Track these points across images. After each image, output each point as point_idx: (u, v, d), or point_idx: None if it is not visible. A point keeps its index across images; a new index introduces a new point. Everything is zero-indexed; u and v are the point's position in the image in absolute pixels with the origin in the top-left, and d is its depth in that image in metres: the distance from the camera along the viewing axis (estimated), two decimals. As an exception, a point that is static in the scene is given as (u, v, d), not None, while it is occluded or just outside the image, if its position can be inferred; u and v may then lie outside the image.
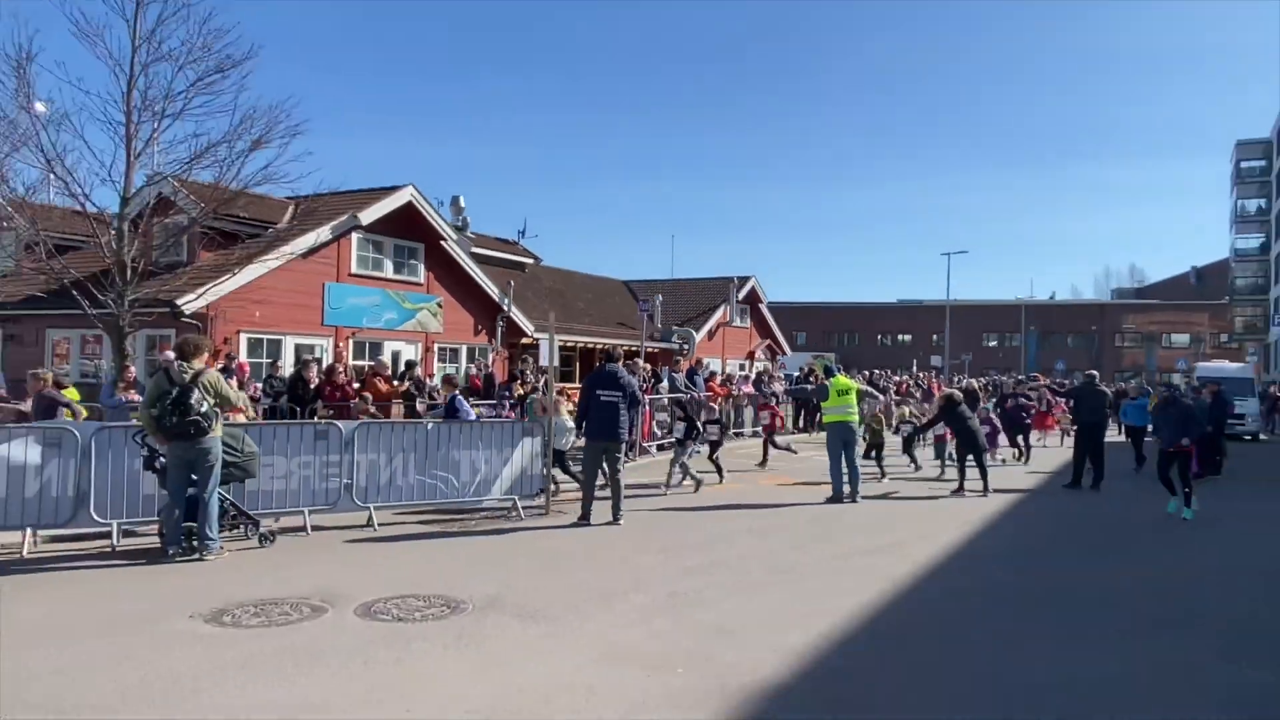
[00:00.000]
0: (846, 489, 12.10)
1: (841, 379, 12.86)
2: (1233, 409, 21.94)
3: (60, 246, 14.46)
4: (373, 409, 13.18)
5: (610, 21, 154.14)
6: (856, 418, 12.71)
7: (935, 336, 65.95)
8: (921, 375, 38.85)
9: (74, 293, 13.49)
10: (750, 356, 38.83)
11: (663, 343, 32.98)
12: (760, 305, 39.83)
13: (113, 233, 13.38)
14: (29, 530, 8.18)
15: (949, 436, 14.67)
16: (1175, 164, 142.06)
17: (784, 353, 41.86)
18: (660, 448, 17.79)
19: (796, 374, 26.15)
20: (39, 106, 12.67)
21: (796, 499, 11.96)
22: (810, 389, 16.44)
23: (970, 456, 13.39)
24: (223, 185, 13.65)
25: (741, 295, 37.43)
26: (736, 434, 21.27)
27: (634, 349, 25.53)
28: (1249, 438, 27.52)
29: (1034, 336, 68.55)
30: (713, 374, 23.42)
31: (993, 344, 70.43)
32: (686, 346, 33.13)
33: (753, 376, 26.98)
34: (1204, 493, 12.70)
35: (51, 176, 13.05)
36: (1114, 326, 69.51)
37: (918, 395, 26.64)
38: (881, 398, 14.53)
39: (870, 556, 8.51)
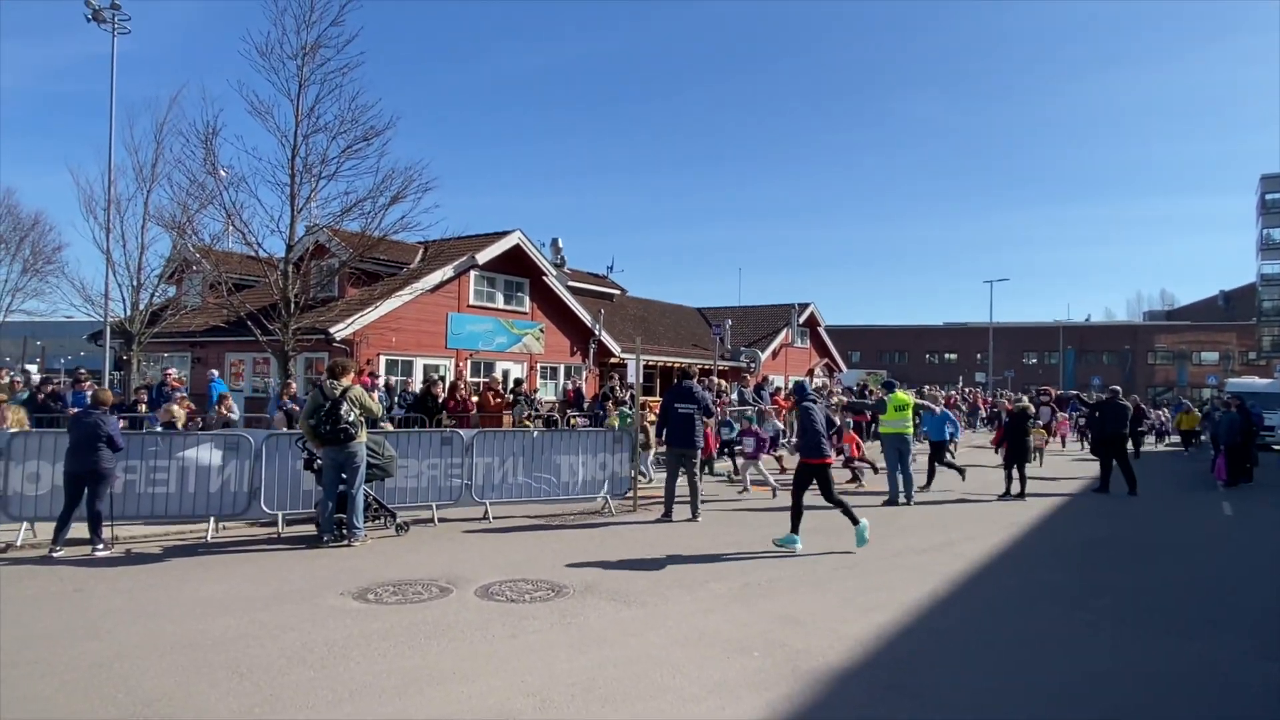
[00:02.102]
0: (902, 493, 11.74)
1: (900, 395, 12.48)
2: (1262, 422, 20.47)
3: (238, 285, 15.25)
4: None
5: (676, 97, 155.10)
6: (911, 430, 12.34)
7: (979, 355, 63.60)
8: (968, 391, 37.39)
9: (248, 323, 14.21)
10: (810, 374, 38.12)
11: (732, 361, 32.62)
12: (819, 328, 39.09)
13: (279, 273, 14.02)
14: (212, 519, 8.56)
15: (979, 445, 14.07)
16: (1204, 198, 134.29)
17: (840, 370, 40.97)
18: (728, 454, 17.53)
19: (854, 389, 25.54)
20: (222, 173, 13.43)
21: (856, 503, 11.63)
22: (869, 403, 16.02)
23: (1016, 464, 12.83)
24: (367, 233, 14.16)
25: (802, 319, 36.82)
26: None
27: (707, 367, 25.39)
28: (1278, 448, 25.60)
29: (1071, 355, 65.43)
30: (777, 389, 23.02)
31: (1032, 362, 67.42)
32: (753, 365, 32.67)
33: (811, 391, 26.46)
34: (1239, 498, 11.86)
35: (231, 228, 13.85)
36: (1146, 345, 65.71)
37: (963, 408, 25.68)
38: (937, 410, 14.02)
39: (925, 555, 8.22)
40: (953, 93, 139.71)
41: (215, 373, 15.78)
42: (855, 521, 8.07)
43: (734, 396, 19.52)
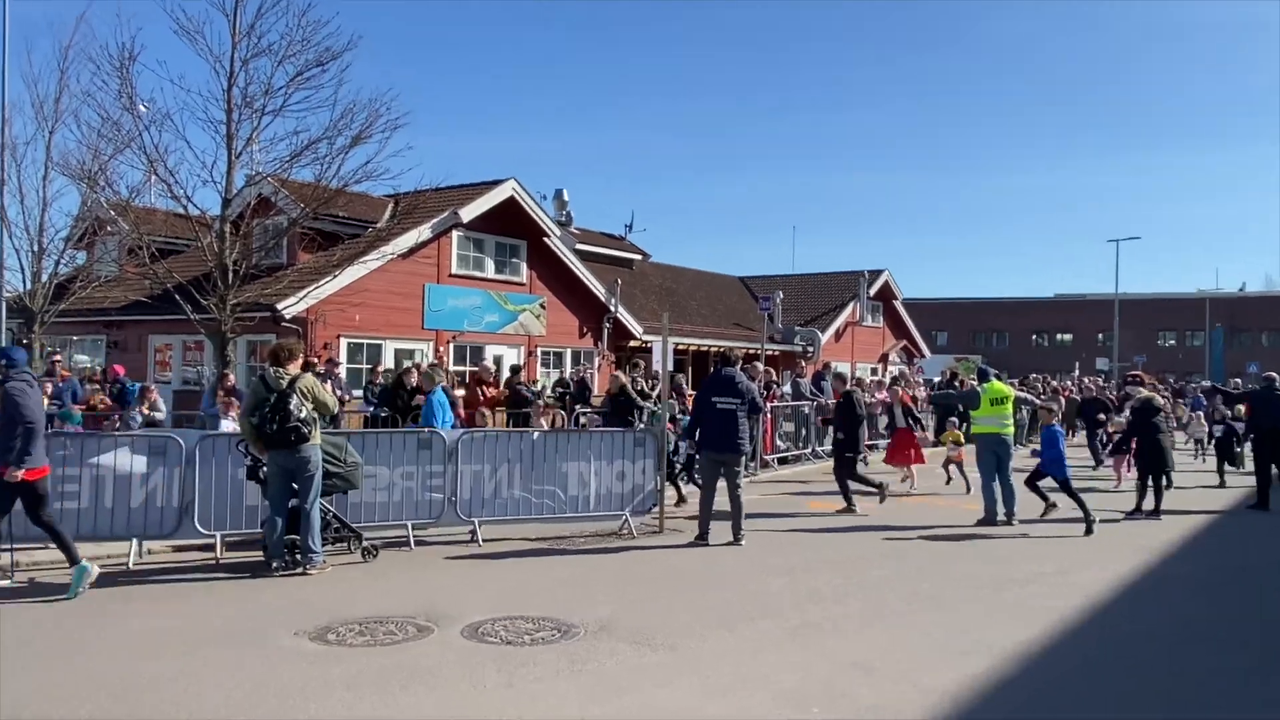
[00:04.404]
0: (1000, 510, 11.68)
1: (996, 384, 12.38)
2: None
3: (163, 250, 15.38)
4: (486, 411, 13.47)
5: (712, 4, 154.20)
6: (1012, 430, 12.24)
7: (1101, 335, 62.94)
8: (1087, 381, 36.43)
9: (176, 297, 14.39)
10: (883, 360, 38.02)
11: (784, 345, 32.73)
12: (894, 302, 39.00)
13: (214, 235, 14.20)
14: (135, 541, 8.60)
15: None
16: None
17: (922, 355, 40.83)
18: (783, 460, 17.64)
19: (939, 378, 25.41)
20: (141, 108, 13.59)
21: (942, 520, 11.63)
22: (956, 395, 15.93)
23: (1151, 474, 12.69)
24: (322, 184, 14.34)
25: (873, 291, 36.72)
26: (870, 446, 20.82)
27: (753, 351, 25.43)
28: None
29: (1220, 334, 64.55)
30: (894, 379, 23.03)
31: (1170, 344, 66.65)
32: (811, 349, 32.73)
33: (887, 381, 26.38)
34: None
35: (154, 178, 14.06)
36: (1320, 321, 64.73)
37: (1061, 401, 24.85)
38: (1040, 403, 13.90)
39: (1028, 586, 8.20)
40: (1058, 3, 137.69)
41: (121, 370, 15.98)
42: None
43: (787, 389, 19.55)
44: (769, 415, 16.85)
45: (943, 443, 15.98)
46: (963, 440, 14.99)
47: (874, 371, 34.88)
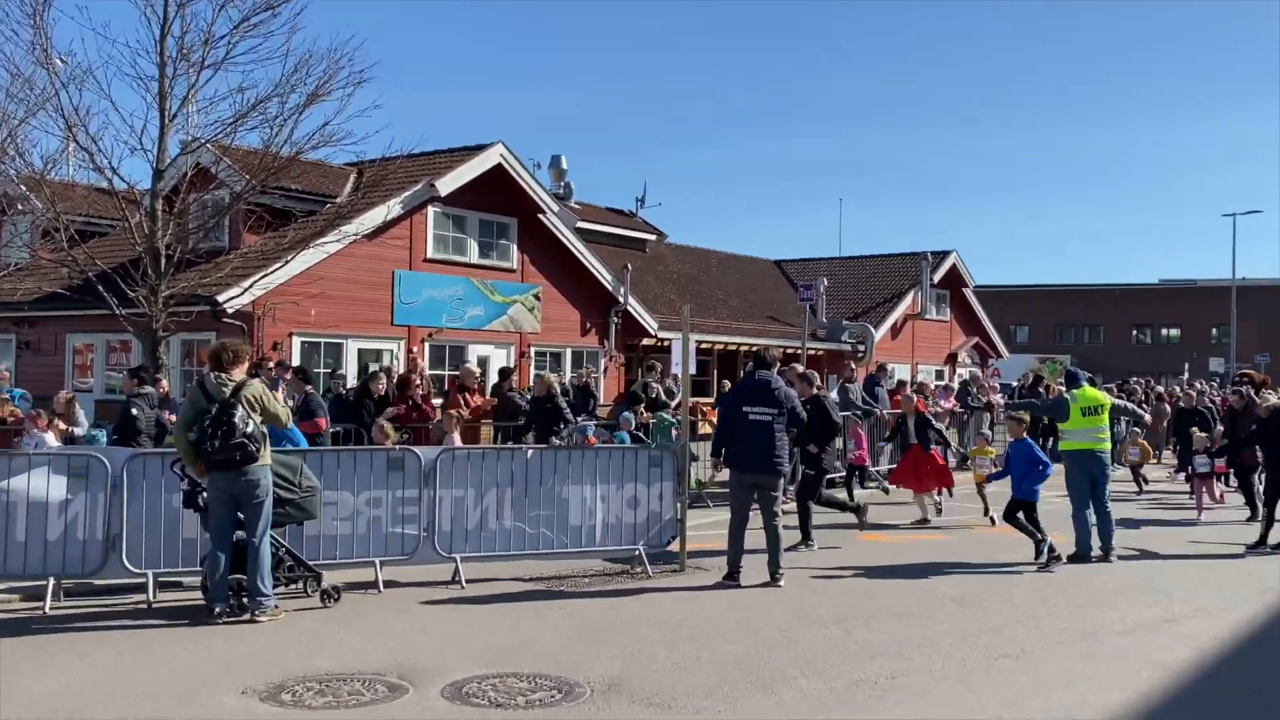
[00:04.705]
0: (1096, 543, 11.60)
1: (1089, 390, 12.29)
2: None
3: (83, 232, 15.58)
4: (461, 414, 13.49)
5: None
6: (1109, 445, 12.16)
7: (1215, 330, 62.58)
8: (1184, 388, 34.22)
9: (100, 288, 14.45)
10: (951, 360, 37.90)
11: (829, 342, 32.68)
12: (964, 290, 38.87)
13: (144, 213, 14.27)
14: (51, 581, 8.55)
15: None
16: None
17: (998, 354, 40.70)
18: (831, 483, 17.53)
19: (1018, 383, 25.30)
20: (58, 62, 13.68)
21: (1022, 556, 11.54)
22: (1041, 404, 15.84)
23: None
24: (272, 151, 14.43)
25: (937, 277, 36.62)
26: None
27: (792, 350, 25.40)
28: None
29: (1364, 329, 63.96)
30: (900, 383, 22.98)
31: (1303, 339, 66.14)
32: (863, 348, 32.67)
33: (955, 387, 26.30)
34: None
35: (73, 146, 14.13)
36: None
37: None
38: (1147, 416, 13.81)
39: (1132, 636, 8.15)
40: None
41: (5, 369, 15.97)
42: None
43: (833, 395, 19.44)
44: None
45: (970, 458, 15.75)
46: (994, 454, 14.83)
47: (939, 375, 34.76)
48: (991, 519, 13.47)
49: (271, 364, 15.12)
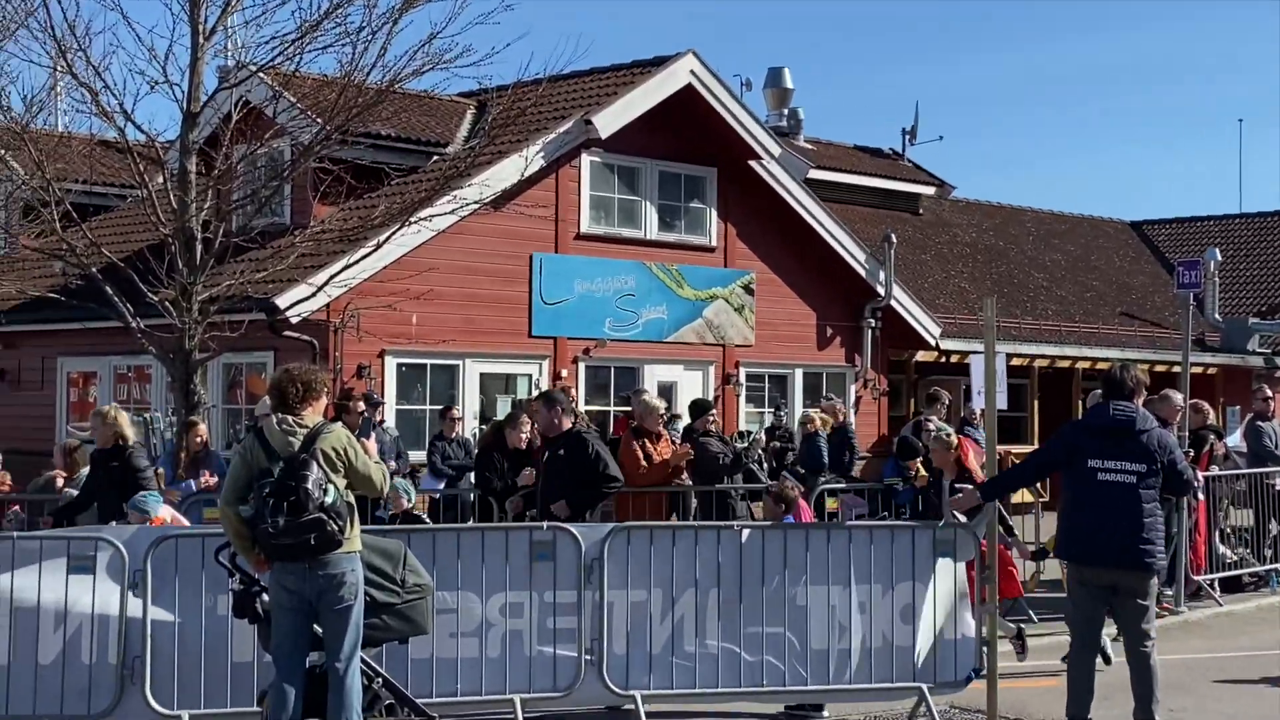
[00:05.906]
0: None
1: None
2: None
3: (82, 208, 13.63)
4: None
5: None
6: None
7: None
8: None
9: (107, 289, 12.07)
10: None
11: (1228, 354, 26.55)
12: None
13: (170, 177, 11.94)
14: None
15: None
16: None
17: None
18: (1230, 585, 13.70)
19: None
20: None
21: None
22: None
23: None
24: (355, 80, 11.78)
25: None
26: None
27: (1164, 369, 21.17)
28: None
29: None
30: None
31: None
32: None
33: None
34: None
35: (67, 78, 11.94)
36: None
37: None
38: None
39: None
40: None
41: None
42: None
43: (1236, 441, 15.48)
44: (1202, 496, 13.14)
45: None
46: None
47: None
48: None
49: (358, 398, 12.59)
